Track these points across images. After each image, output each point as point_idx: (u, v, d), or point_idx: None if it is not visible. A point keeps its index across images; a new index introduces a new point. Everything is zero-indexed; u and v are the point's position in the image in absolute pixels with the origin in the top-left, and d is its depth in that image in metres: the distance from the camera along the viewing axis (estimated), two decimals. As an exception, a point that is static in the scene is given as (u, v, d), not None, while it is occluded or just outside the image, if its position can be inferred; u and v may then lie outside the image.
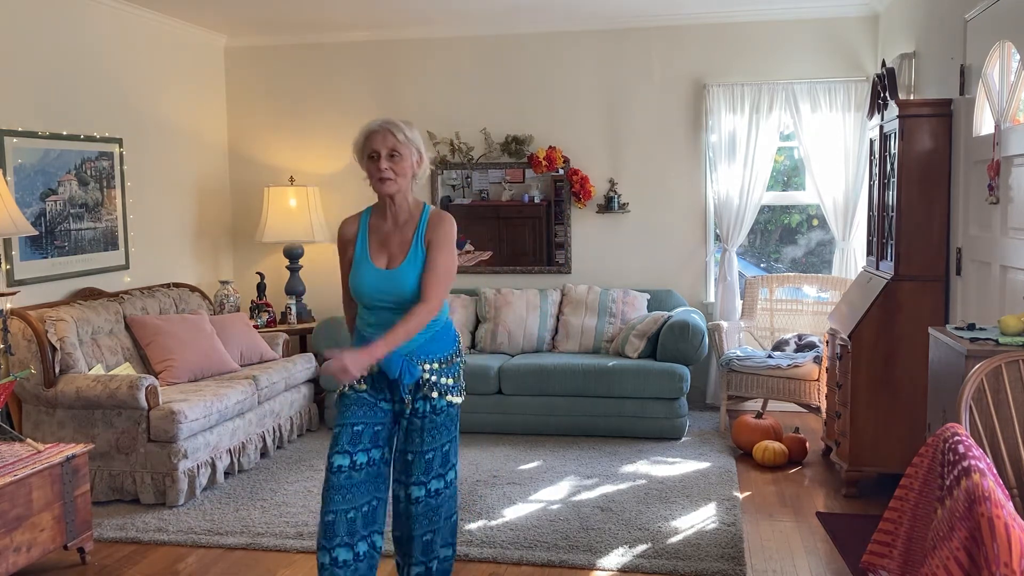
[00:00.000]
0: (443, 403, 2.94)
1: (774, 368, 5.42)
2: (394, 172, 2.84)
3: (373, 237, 2.96)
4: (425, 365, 2.90)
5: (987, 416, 2.75)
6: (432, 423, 2.92)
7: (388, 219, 2.96)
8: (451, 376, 2.96)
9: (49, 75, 5.04)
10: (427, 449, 2.91)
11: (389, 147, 2.84)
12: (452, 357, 2.98)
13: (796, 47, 6.05)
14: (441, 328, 2.97)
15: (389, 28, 6.46)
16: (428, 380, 2.90)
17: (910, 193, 4.34)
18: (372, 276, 2.91)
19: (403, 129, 2.86)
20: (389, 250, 2.93)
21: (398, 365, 2.83)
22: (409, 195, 2.94)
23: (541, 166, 6.33)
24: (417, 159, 2.90)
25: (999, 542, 2.07)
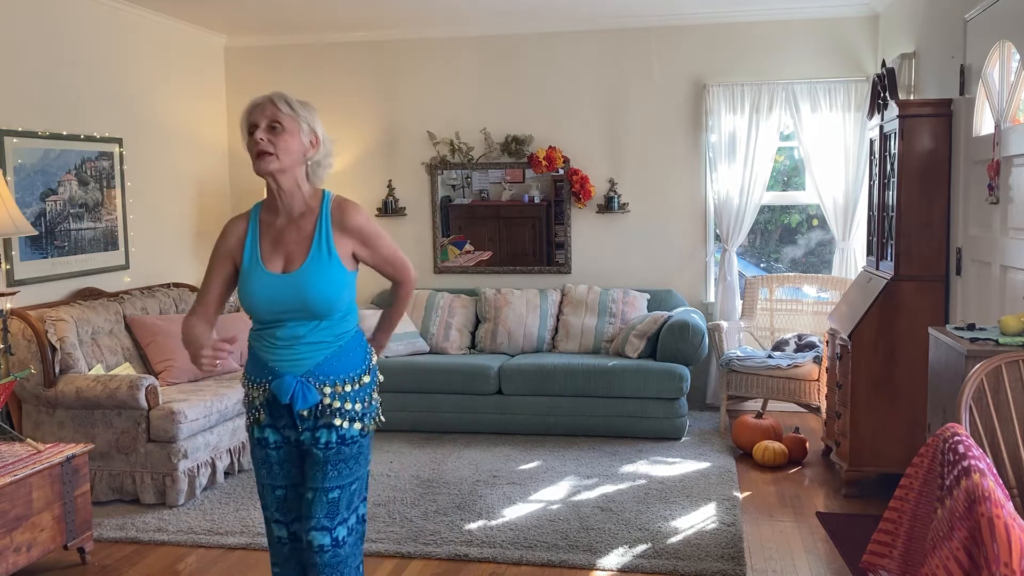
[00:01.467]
0: (353, 432, 2.47)
1: (774, 368, 5.42)
2: (274, 145, 2.38)
3: (265, 236, 2.49)
4: (326, 388, 2.45)
5: (987, 416, 2.75)
6: (339, 455, 2.45)
7: (280, 212, 2.49)
8: (361, 400, 2.50)
9: (49, 75, 5.04)
10: (331, 486, 2.45)
11: (269, 117, 2.39)
12: (362, 377, 2.52)
13: (796, 47, 6.05)
14: (348, 341, 2.51)
15: (389, 28, 6.46)
16: (330, 406, 2.45)
17: (910, 193, 4.34)
18: (266, 284, 2.43)
19: (291, 101, 2.43)
20: (285, 249, 2.46)
21: (290, 387, 2.41)
22: (303, 183, 2.48)
23: (541, 166, 6.33)
24: (311, 140, 2.46)
25: (999, 542, 2.07)
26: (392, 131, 6.64)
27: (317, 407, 2.44)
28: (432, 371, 5.69)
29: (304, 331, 2.43)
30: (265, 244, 2.47)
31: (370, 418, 2.53)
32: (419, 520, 4.17)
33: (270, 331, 2.45)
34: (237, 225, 2.53)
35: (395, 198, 6.65)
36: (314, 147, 2.47)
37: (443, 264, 6.66)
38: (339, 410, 2.45)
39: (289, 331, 2.43)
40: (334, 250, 2.45)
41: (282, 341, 2.44)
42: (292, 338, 2.43)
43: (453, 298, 6.28)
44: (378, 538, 3.96)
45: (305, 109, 2.45)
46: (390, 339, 2.62)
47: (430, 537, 3.95)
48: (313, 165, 2.49)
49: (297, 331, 2.43)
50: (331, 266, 2.44)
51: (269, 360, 2.45)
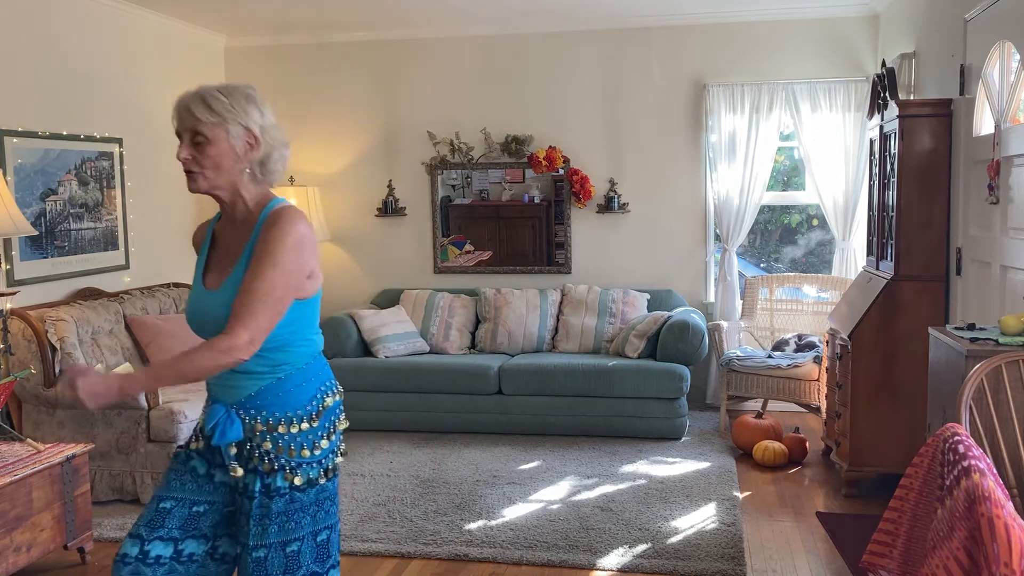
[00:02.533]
0: (282, 483, 2.06)
1: (774, 368, 5.42)
2: (198, 163, 2.05)
3: (216, 246, 2.20)
4: (258, 425, 2.07)
5: (987, 416, 2.75)
6: (263, 510, 2.05)
7: (230, 222, 2.18)
8: (298, 447, 2.08)
9: (49, 75, 5.04)
10: (255, 545, 2.05)
11: (189, 129, 2.04)
12: (309, 419, 2.11)
13: (796, 47, 6.05)
14: (291, 375, 2.10)
15: (389, 28, 6.46)
16: (259, 447, 2.07)
17: (910, 193, 4.34)
18: (195, 300, 2.15)
19: (211, 102, 2.02)
20: (224, 263, 2.14)
21: (216, 416, 2.08)
22: (247, 189, 2.11)
23: (541, 166, 6.33)
24: (247, 141, 2.07)
25: (999, 542, 2.07)
26: (392, 131, 6.64)
27: (245, 446, 2.08)
28: (432, 371, 5.69)
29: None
30: (213, 256, 2.18)
31: (316, 470, 2.10)
32: (419, 520, 4.17)
33: None
34: (198, 235, 2.29)
35: (395, 198, 6.65)
36: (253, 148, 2.08)
37: (443, 264, 6.66)
38: (268, 454, 2.06)
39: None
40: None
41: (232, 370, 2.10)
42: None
43: (453, 298, 6.28)
44: (378, 538, 3.96)
45: (233, 105, 2.04)
46: (166, 382, 2.03)
47: (430, 537, 3.95)
48: (256, 166, 2.10)
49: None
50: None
51: (209, 382, 2.16)
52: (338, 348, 5.88)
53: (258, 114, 2.09)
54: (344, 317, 6.02)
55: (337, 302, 6.70)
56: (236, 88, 2.08)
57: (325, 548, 2.13)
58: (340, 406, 2.22)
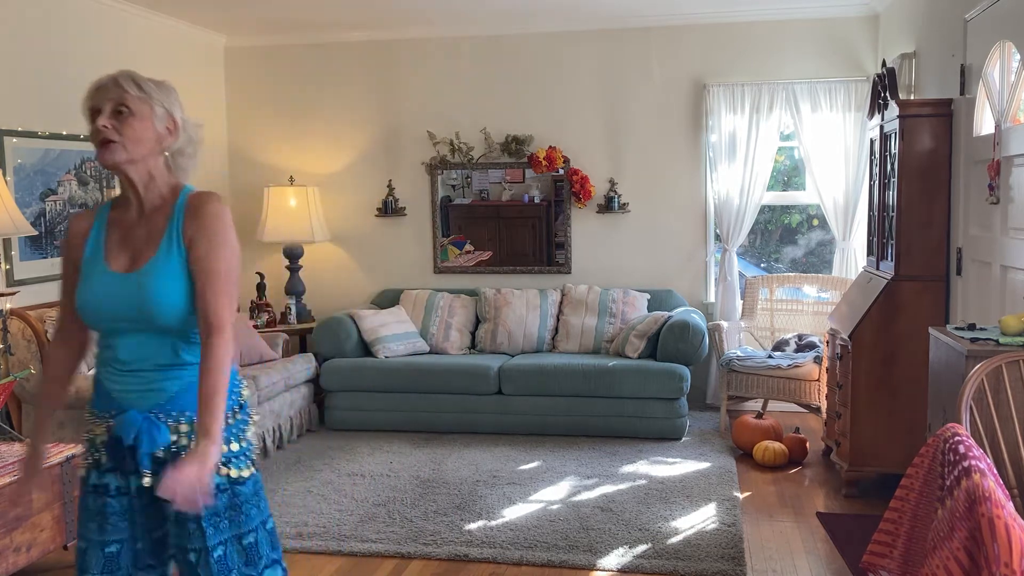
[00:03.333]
0: (220, 479, 2.01)
1: (774, 368, 5.42)
2: (119, 132, 1.99)
3: (113, 231, 2.09)
4: (182, 426, 2.03)
5: (987, 416, 2.75)
6: (210, 509, 2.01)
7: (133, 207, 2.09)
8: (234, 439, 2.07)
9: (49, 75, 5.04)
10: (214, 545, 2.02)
11: (114, 100, 2.00)
12: (231, 414, 2.08)
13: (796, 47, 6.05)
14: None
15: (389, 28, 6.46)
16: (187, 447, 2.01)
17: (910, 193, 4.34)
18: (103, 283, 2.02)
19: (140, 80, 2.03)
20: (132, 247, 2.05)
21: (135, 425, 1.98)
22: (160, 175, 2.08)
23: (541, 166, 6.32)
24: (168, 126, 2.06)
25: (999, 542, 2.07)
26: (392, 131, 6.64)
27: (171, 449, 2.01)
28: (432, 371, 5.69)
29: (150, 351, 2.02)
30: (111, 240, 2.07)
31: (245, 462, 2.09)
32: (419, 520, 4.16)
33: (110, 352, 2.04)
34: (80, 222, 2.12)
35: (395, 198, 6.65)
36: (172, 134, 2.07)
37: (443, 264, 6.66)
38: None
39: (131, 351, 2.02)
40: (184, 244, 2.02)
41: (127, 364, 2.02)
42: (134, 361, 2.01)
43: (453, 298, 6.28)
44: (378, 538, 3.96)
45: (160, 90, 2.06)
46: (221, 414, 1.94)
47: (430, 537, 3.95)
48: (173, 155, 2.09)
49: (142, 351, 2.01)
50: (183, 266, 2.01)
51: (113, 391, 2.03)
52: (338, 348, 5.88)
53: (179, 108, 2.10)
54: (344, 317, 6.02)
55: (337, 302, 6.70)
56: (162, 81, 2.10)
57: (273, 536, 2.13)
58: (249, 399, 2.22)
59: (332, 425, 5.86)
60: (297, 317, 6.42)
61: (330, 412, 5.86)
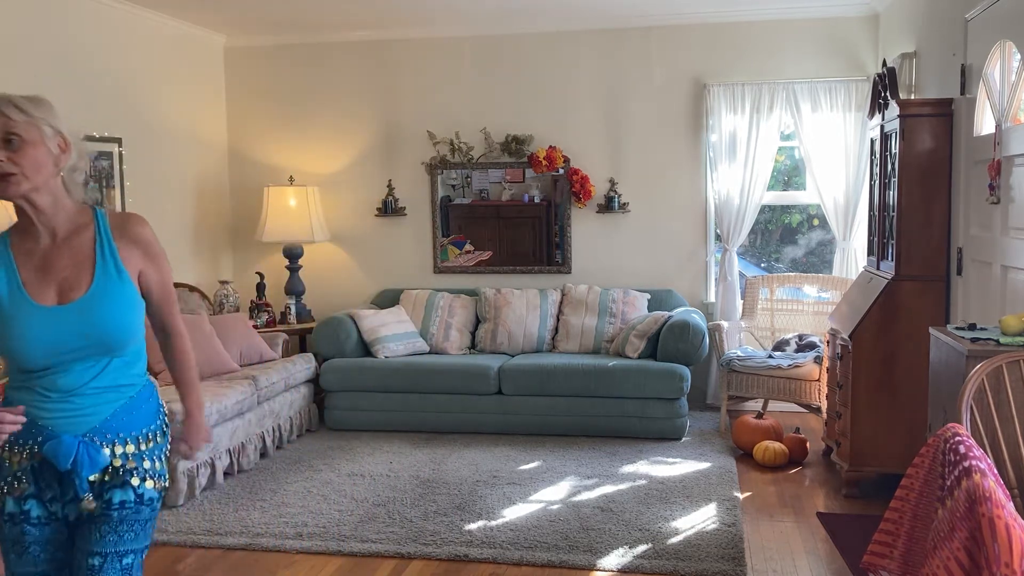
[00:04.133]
0: (152, 492, 2.08)
1: (775, 368, 5.41)
2: (17, 164, 1.94)
3: (24, 266, 2.01)
4: (117, 448, 2.04)
5: (988, 416, 2.74)
6: (137, 515, 2.05)
7: (42, 235, 2.03)
8: (155, 459, 2.12)
9: (49, 75, 5.03)
10: (126, 550, 2.04)
11: (2, 131, 1.94)
12: (156, 434, 2.14)
13: (796, 47, 6.04)
14: (139, 392, 2.10)
15: (389, 28, 6.46)
16: (122, 468, 2.04)
17: (911, 193, 4.33)
18: (39, 321, 1.97)
19: (20, 104, 1.97)
20: (58, 276, 2.01)
21: (72, 449, 1.97)
22: (63, 197, 2.04)
23: (541, 166, 6.32)
24: (59, 144, 2.02)
25: (1000, 542, 2.07)
26: (392, 131, 6.64)
27: (105, 471, 2.03)
28: (432, 371, 5.68)
29: (90, 376, 2.00)
30: (26, 274, 2.01)
31: (165, 478, 2.16)
32: (419, 520, 4.16)
33: (44, 380, 1.99)
34: None
35: (395, 198, 6.65)
36: (64, 152, 2.03)
37: (443, 264, 6.65)
38: (134, 470, 2.06)
39: (72, 378, 1.99)
40: (122, 267, 2.04)
41: (60, 393, 1.99)
42: (74, 387, 1.99)
43: (453, 298, 6.27)
44: (378, 538, 3.96)
45: (40, 108, 2.01)
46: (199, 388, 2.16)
47: (430, 537, 3.95)
48: (68, 173, 2.05)
49: (82, 376, 2.00)
50: (123, 286, 2.03)
51: (40, 417, 1.99)
52: (338, 348, 5.88)
53: (63, 122, 2.06)
54: (344, 317, 6.02)
55: (337, 302, 6.70)
56: (37, 96, 2.05)
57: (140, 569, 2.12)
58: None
59: (332, 425, 5.86)
60: (297, 317, 6.42)
61: (330, 412, 5.86)
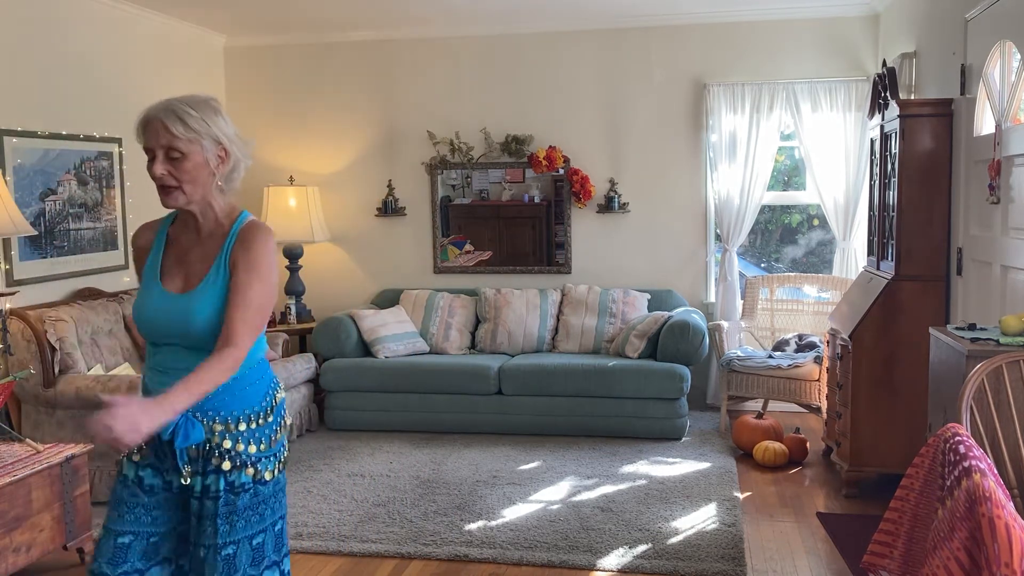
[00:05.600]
0: (245, 479, 2.14)
1: (775, 368, 5.41)
2: (176, 179, 2.09)
3: (171, 251, 2.22)
4: (216, 425, 2.13)
5: (988, 416, 2.74)
6: (230, 507, 2.12)
7: (191, 229, 2.22)
8: (257, 442, 2.17)
9: (49, 75, 5.04)
10: (224, 543, 2.12)
11: (164, 145, 2.07)
12: (263, 415, 2.20)
13: (796, 47, 6.04)
14: (243, 375, 2.17)
15: (389, 28, 6.46)
16: (219, 446, 2.13)
17: (911, 193, 4.33)
18: (157, 303, 2.16)
19: (185, 117, 2.07)
20: (187, 268, 2.19)
21: (172, 422, 2.07)
22: (216, 200, 2.18)
23: (541, 166, 6.32)
24: (218, 154, 2.13)
25: (1000, 542, 2.07)
26: (392, 131, 6.64)
27: (204, 447, 2.13)
28: (432, 371, 5.68)
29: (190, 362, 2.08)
30: (168, 259, 2.21)
31: (273, 463, 2.21)
32: (419, 520, 4.16)
33: (159, 357, 2.18)
34: (143, 235, 2.27)
35: (395, 198, 6.65)
36: (224, 161, 2.14)
37: (443, 264, 6.65)
38: (228, 452, 2.13)
39: (176, 359, 2.14)
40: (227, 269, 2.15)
41: (169, 371, 2.13)
42: (178, 367, 2.11)
43: (453, 298, 6.27)
44: (378, 538, 3.96)
45: (204, 118, 2.10)
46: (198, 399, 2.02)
47: (430, 537, 3.95)
48: (225, 178, 2.18)
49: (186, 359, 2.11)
50: (220, 288, 2.14)
51: (156, 391, 2.09)
52: (338, 348, 5.88)
53: (225, 125, 2.15)
54: (344, 317, 6.02)
55: (337, 302, 6.70)
56: (203, 101, 2.13)
57: (281, 537, 2.23)
58: (285, 403, 2.32)
59: (332, 425, 5.86)
60: (297, 317, 6.42)
61: (330, 412, 5.86)
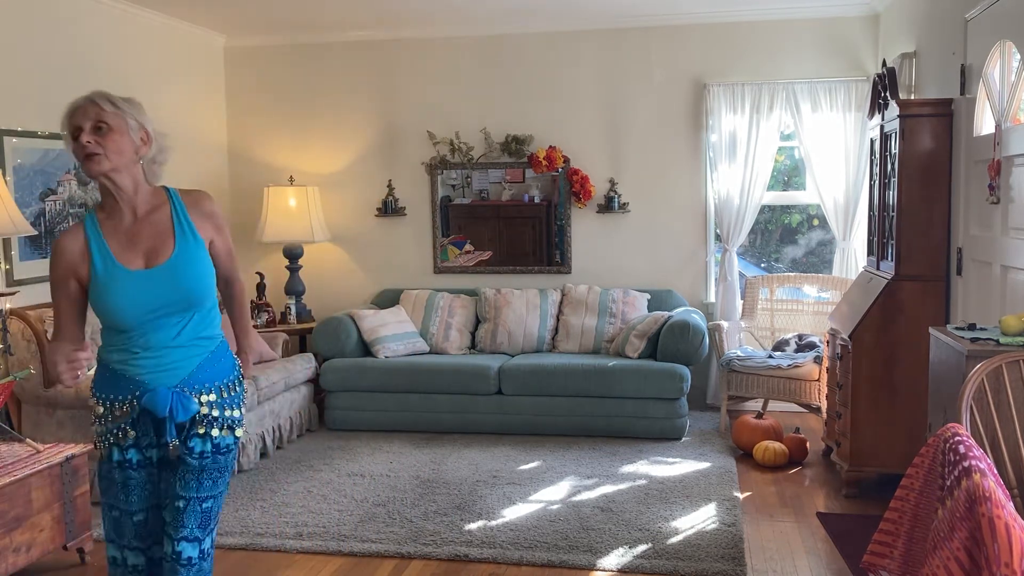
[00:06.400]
0: (228, 440, 2.43)
1: (774, 368, 5.42)
2: (102, 146, 2.27)
3: (112, 239, 2.36)
4: (203, 396, 2.38)
5: (988, 416, 2.75)
6: (215, 464, 2.40)
7: (125, 213, 2.38)
8: (236, 407, 2.47)
9: (49, 75, 5.04)
10: (205, 495, 2.39)
11: (93, 119, 2.28)
12: (235, 384, 2.48)
13: (796, 47, 6.04)
14: (218, 346, 2.45)
15: (389, 28, 6.46)
16: (208, 415, 2.39)
17: (911, 193, 4.33)
18: (133, 284, 2.32)
19: (112, 98, 2.32)
20: (143, 246, 2.35)
21: (167, 400, 2.32)
22: (142, 182, 2.39)
23: (541, 166, 6.32)
24: (142, 137, 2.35)
25: (999, 542, 2.07)
26: (392, 131, 6.64)
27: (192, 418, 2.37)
28: (432, 371, 5.68)
29: (176, 331, 2.34)
30: (114, 246, 2.35)
31: (240, 427, 2.47)
32: (419, 520, 4.16)
33: (138, 339, 2.33)
34: (72, 239, 2.36)
35: (395, 198, 6.65)
36: (146, 144, 2.37)
37: (443, 264, 6.65)
38: (216, 419, 2.40)
39: (161, 334, 2.33)
40: (198, 235, 2.40)
41: (151, 350, 2.33)
42: (163, 343, 2.33)
43: (453, 298, 6.27)
44: (378, 538, 3.96)
45: (130, 105, 2.35)
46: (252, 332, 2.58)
47: (430, 537, 3.95)
48: (148, 163, 2.39)
49: (170, 332, 2.33)
50: (199, 250, 2.39)
51: (136, 374, 2.34)
52: (338, 348, 5.88)
53: (148, 120, 2.40)
54: (344, 317, 6.02)
55: (337, 302, 6.70)
56: (131, 98, 2.39)
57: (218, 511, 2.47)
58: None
59: (332, 425, 5.86)
60: (297, 317, 6.42)
61: (330, 412, 5.86)
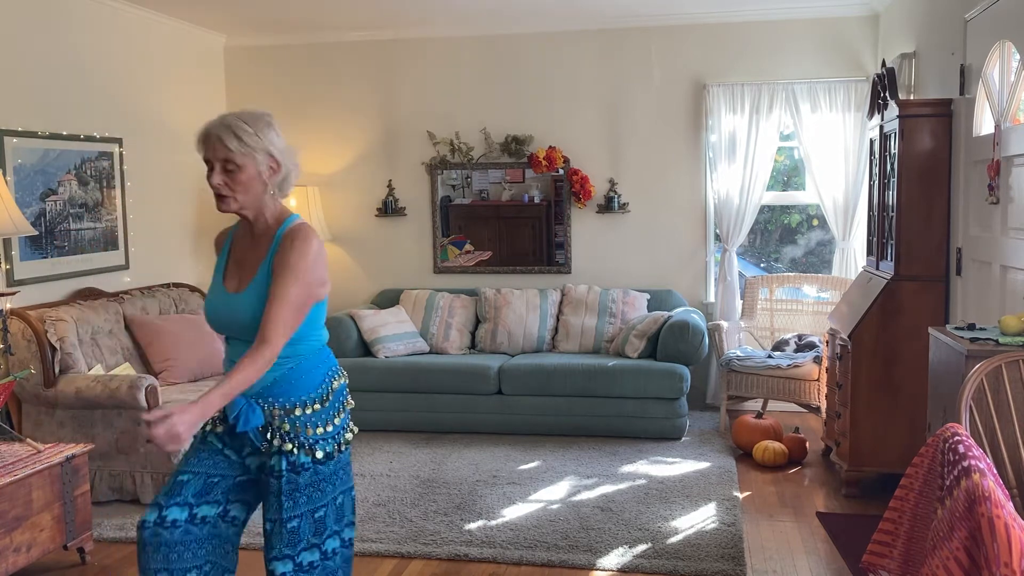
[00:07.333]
0: (305, 459, 2.36)
1: (774, 368, 5.42)
2: (231, 188, 2.33)
3: (234, 253, 2.49)
4: (275, 411, 2.37)
5: (987, 416, 2.75)
6: (292, 485, 2.35)
7: (249, 233, 2.47)
8: (314, 425, 2.39)
9: (49, 75, 5.04)
10: (289, 517, 2.36)
11: (221, 158, 2.32)
12: (320, 401, 2.42)
13: (796, 47, 6.05)
14: (299, 364, 2.40)
15: (389, 28, 6.46)
16: (280, 429, 2.37)
17: (910, 193, 4.34)
18: (217, 302, 2.44)
19: (240, 133, 2.32)
20: (242, 270, 2.43)
21: (236, 408, 2.34)
22: (268, 205, 2.41)
23: (541, 166, 6.33)
24: (269, 165, 2.37)
25: (999, 542, 2.07)
26: (392, 131, 6.64)
27: (269, 430, 2.37)
28: (432, 371, 5.69)
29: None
30: (232, 261, 2.48)
31: (332, 445, 2.41)
32: (419, 520, 4.16)
33: (230, 350, 2.44)
34: (218, 238, 2.59)
35: (395, 198, 6.65)
36: (275, 171, 2.38)
37: (443, 264, 6.66)
38: (288, 435, 2.36)
39: (241, 349, 2.34)
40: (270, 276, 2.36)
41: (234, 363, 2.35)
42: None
43: (453, 298, 6.28)
44: (378, 538, 3.96)
45: (257, 133, 2.34)
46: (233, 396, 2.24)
47: (430, 537, 3.95)
48: (276, 186, 2.42)
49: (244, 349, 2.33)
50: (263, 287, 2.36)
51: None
52: (338, 348, 5.87)
53: (277, 139, 2.40)
54: (344, 317, 6.02)
55: (337, 302, 6.70)
56: (258, 117, 2.39)
57: (342, 509, 2.45)
58: (346, 388, 2.53)
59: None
60: (297, 317, 6.41)
61: (330, 412, 5.85)
